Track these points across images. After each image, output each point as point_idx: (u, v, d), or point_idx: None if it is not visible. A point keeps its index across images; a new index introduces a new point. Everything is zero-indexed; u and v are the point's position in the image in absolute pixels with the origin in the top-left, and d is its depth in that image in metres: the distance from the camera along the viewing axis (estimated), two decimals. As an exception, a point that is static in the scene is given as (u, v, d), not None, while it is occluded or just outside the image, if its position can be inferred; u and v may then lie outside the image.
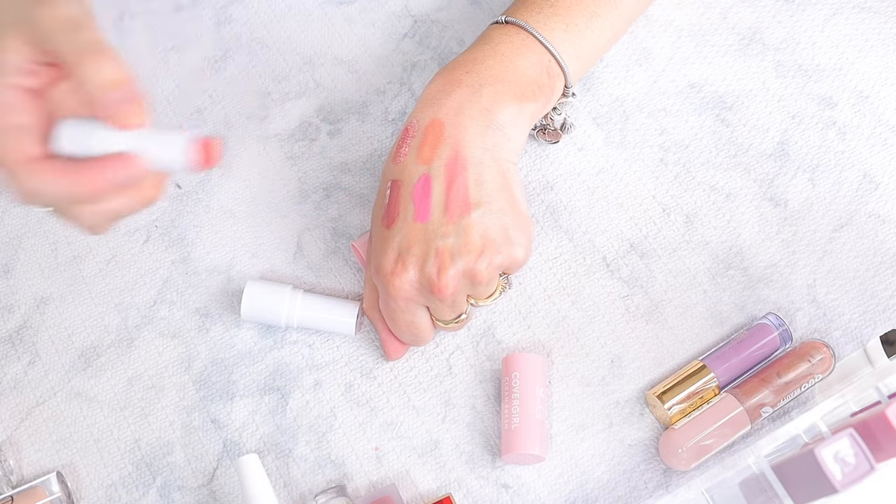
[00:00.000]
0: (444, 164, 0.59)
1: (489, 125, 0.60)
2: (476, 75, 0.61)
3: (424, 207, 0.58)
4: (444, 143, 0.59)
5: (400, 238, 0.59)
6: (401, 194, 0.59)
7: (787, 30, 0.74)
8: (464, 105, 0.60)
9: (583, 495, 0.62)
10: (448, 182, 0.58)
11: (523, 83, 0.62)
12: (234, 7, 0.78)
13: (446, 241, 0.58)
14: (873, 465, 0.51)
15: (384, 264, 0.59)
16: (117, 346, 0.67)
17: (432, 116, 0.60)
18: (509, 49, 0.63)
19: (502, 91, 0.61)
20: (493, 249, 0.58)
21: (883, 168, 0.69)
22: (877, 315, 0.65)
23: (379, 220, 0.60)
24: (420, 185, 0.59)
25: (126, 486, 0.64)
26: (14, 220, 0.71)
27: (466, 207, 0.58)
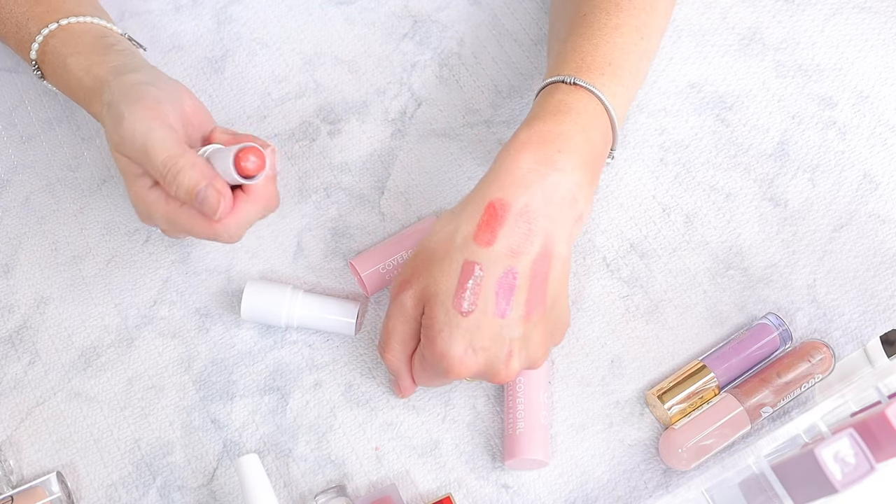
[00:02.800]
0: (532, 260, 0.57)
1: (574, 216, 0.58)
2: (568, 157, 0.58)
3: (506, 305, 0.56)
4: (536, 238, 0.57)
5: (475, 330, 0.56)
6: (482, 283, 0.56)
7: (787, 30, 0.74)
8: (556, 193, 0.57)
9: (583, 495, 0.62)
10: (532, 280, 0.57)
11: (597, 162, 0.61)
12: (234, 7, 0.78)
13: (518, 335, 0.57)
14: (873, 465, 0.51)
15: (452, 351, 0.57)
16: (117, 346, 0.67)
17: (527, 202, 0.57)
18: (589, 123, 0.60)
19: (587, 175, 0.59)
20: (552, 342, 0.59)
21: (883, 168, 0.69)
22: (877, 315, 0.65)
23: (449, 299, 0.57)
24: (505, 280, 0.56)
25: (126, 486, 0.64)
26: (14, 220, 0.71)
27: (543, 309, 0.57)
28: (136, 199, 0.59)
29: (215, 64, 0.76)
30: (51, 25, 0.63)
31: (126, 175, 0.59)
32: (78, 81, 0.62)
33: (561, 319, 0.60)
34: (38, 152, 0.73)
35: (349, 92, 0.74)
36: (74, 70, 0.62)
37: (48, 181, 0.72)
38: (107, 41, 0.64)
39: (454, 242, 0.58)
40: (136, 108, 0.57)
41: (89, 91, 0.61)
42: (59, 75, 0.63)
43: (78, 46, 0.63)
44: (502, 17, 0.76)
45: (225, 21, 0.77)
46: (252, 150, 0.56)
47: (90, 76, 0.61)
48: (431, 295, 0.58)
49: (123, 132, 0.57)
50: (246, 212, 0.58)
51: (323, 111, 0.74)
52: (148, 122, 0.56)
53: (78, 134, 0.73)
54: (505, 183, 0.58)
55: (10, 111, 0.74)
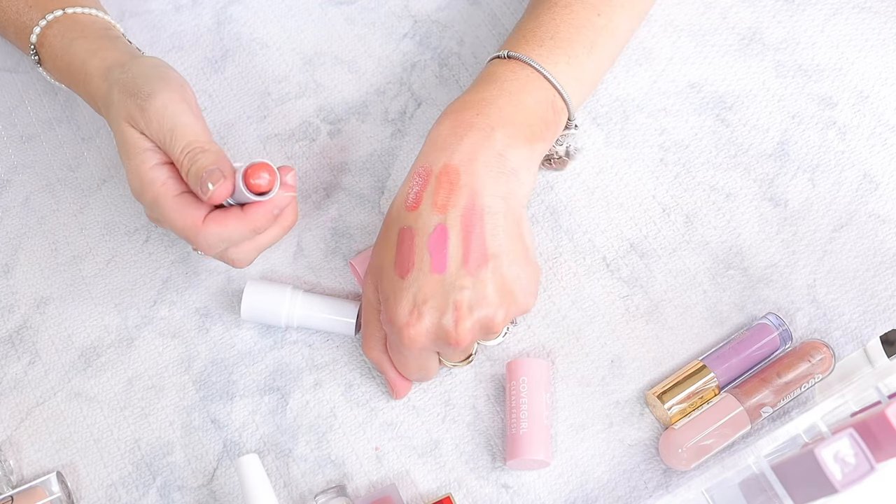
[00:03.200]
0: (461, 214, 0.57)
1: (503, 171, 0.59)
2: (487, 117, 0.59)
3: (441, 259, 0.57)
4: (460, 192, 0.58)
5: (415, 289, 0.57)
6: (415, 243, 0.58)
7: (787, 30, 0.74)
8: (477, 150, 0.58)
9: (583, 495, 0.62)
10: (465, 233, 0.57)
11: (532, 123, 0.61)
12: (234, 7, 0.78)
13: (464, 294, 0.57)
14: (873, 465, 0.51)
15: (399, 315, 0.57)
16: (117, 346, 0.67)
17: (445, 161, 0.58)
18: (517, 87, 0.61)
19: (514, 133, 0.60)
20: (508, 301, 0.58)
21: (883, 168, 0.69)
22: (877, 315, 0.65)
23: (391, 268, 0.59)
24: (436, 236, 0.57)
25: (126, 486, 0.64)
26: (14, 220, 0.71)
27: (484, 260, 0.57)
28: (135, 173, 0.59)
29: (215, 64, 0.76)
30: (56, 12, 0.64)
31: (132, 148, 0.59)
32: (81, 63, 0.62)
33: (518, 278, 0.58)
34: (38, 152, 0.73)
35: (349, 92, 0.74)
36: (79, 52, 0.62)
37: (48, 181, 0.72)
38: (111, 33, 0.65)
39: (391, 218, 0.60)
40: (166, 87, 0.58)
41: (93, 72, 0.61)
42: (60, 57, 0.63)
43: (84, 32, 0.64)
44: (502, 17, 0.76)
45: (225, 21, 0.77)
46: (264, 166, 0.57)
47: (97, 58, 0.62)
48: (381, 275, 0.60)
49: (152, 108, 0.57)
50: (232, 228, 0.58)
51: (323, 111, 0.74)
52: (178, 104, 0.58)
53: (78, 134, 0.73)
54: (426, 152, 0.60)
55: (10, 111, 0.74)
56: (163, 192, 0.58)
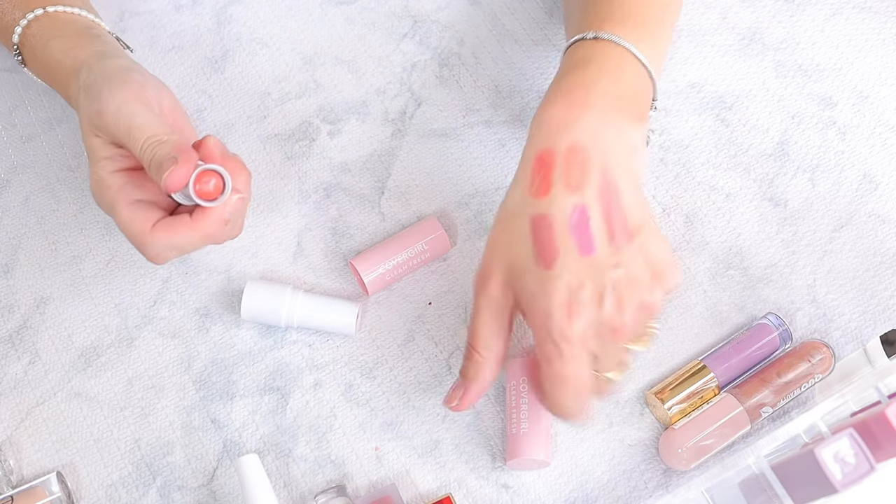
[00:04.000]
0: (598, 191, 0.54)
1: (625, 147, 0.56)
2: (599, 97, 0.56)
3: (588, 240, 0.53)
4: (593, 169, 0.54)
5: (567, 276, 0.53)
6: (554, 230, 0.53)
7: (787, 30, 0.74)
8: (599, 128, 0.55)
9: (583, 495, 0.62)
10: (605, 210, 0.53)
11: (636, 101, 0.59)
12: (234, 7, 0.78)
13: (619, 272, 0.53)
14: (873, 465, 0.51)
15: (555, 309, 0.52)
16: (117, 346, 0.67)
17: (571, 141, 0.54)
18: (615, 67, 0.58)
19: (626, 111, 0.57)
20: (661, 276, 0.55)
21: (883, 168, 0.69)
22: (877, 315, 0.65)
23: (531, 261, 0.54)
24: (577, 217, 0.53)
25: (126, 486, 0.64)
26: (14, 220, 0.71)
27: (629, 234, 0.54)
28: (95, 179, 0.59)
29: (215, 64, 0.76)
30: (36, 11, 0.64)
31: (93, 156, 0.59)
32: (58, 63, 0.62)
33: (662, 251, 0.55)
34: (38, 152, 0.73)
35: (349, 92, 0.74)
36: (55, 52, 0.62)
37: (48, 181, 0.72)
38: (92, 31, 0.64)
39: (515, 209, 0.55)
40: (121, 88, 0.58)
41: (67, 72, 0.61)
42: (39, 58, 0.63)
43: (62, 31, 0.63)
44: (502, 17, 0.76)
45: (225, 21, 0.77)
46: (212, 173, 0.56)
47: (70, 58, 0.61)
48: (516, 271, 0.55)
49: (108, 112, 0.57)
50: (181, 234, 0.57)
51: (323, 111, 0.74)
52: (133, 104, 0.57)
53: (78, 134, 0.73)
54: (544, 135, 0.55)
55: (10, 111, 0.74)
56: (118, 197, 0.58)
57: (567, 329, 0.52)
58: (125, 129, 0.57)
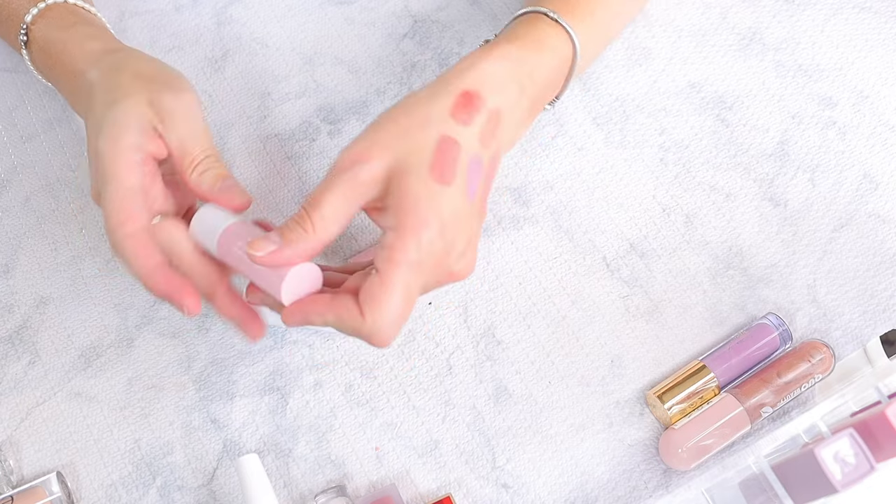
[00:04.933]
0: (490, 157, 0.57)
1: (516, 138, 0.60)
2: (533, 89, 0.60)
3: (474, 187, 0.55)
4: (495, 140, 0.57)
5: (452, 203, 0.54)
6: (458, 159, 0.55)
7: (787, 30, 0.74)
8: (513, 112, 0.58)
9: (583, 495, 0.62)
10: (486, 178, 0.57)
11: (543, 101, 0.62)
12: (234, 7, 0.78)
13: (475, 226, 0.56)
14: (873, 465, 0.51)
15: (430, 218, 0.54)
16: (117, 346, 0.67)
17: (497, 106, 0.57)
18: (556, 64, 0.62)
19: (535, 111, 0.61)
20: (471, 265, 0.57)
21: (883, 168, 0.69)
22: (877, 315, 0.65)
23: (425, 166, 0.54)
24: (475, 164, 0.55)
25: (126, 486, 0.64)
26: (14, 220, 0.71)
27: (483, 209, 0.57)
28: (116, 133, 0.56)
29: (215, 64, 0.76)
30: (39, 5, 0.65)
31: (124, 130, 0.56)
32: (79, 45, 0.62)
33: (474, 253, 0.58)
34: (38, 152, 0.73)
35: (349, 92, 0.74)
36: (78, 35, 0.63)
37: (48, 181, 0.72)
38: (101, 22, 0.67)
39: (429, 116, 0.55)
40: (189, 87, 0.59)
41: (94, 53, 0.61)
42: (53, 39, 0.63)
43: (85, 19, 0.65)
44: (502, 17, 0.76)
45: (225, 21, 0.77)
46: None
47: (99, 41, 0.62)
48: (403, 168, 0.54)
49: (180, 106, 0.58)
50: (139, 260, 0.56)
51: (323, 111, 0.74)
52: (197, 110, 0.59)
53: (78, 134, 0.73)
54: (480, 80, 0.57)
55: (10, 111, 0.74)
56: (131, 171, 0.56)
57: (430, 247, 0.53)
58: (195, 130, 0.58)
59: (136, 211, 0.56)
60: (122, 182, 0.56)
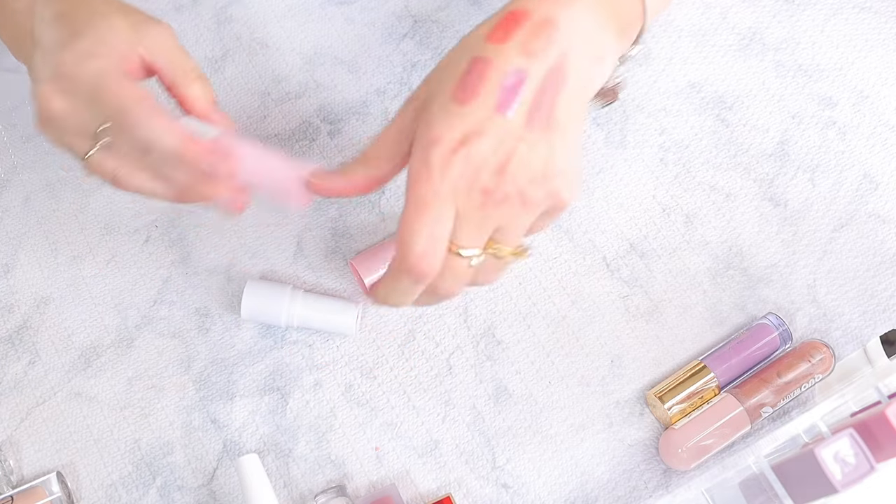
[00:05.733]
0: (547, 69, 0.51)
1: (596, 52, 0.54)
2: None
3: (509, 101, 0.50)
4: (554, 48, 0.51)
5: (472, 120, 0.50)
6: (487, 76, 0.50)
7: (787, 30, 0.74)
8: (580, 20, 0.52)
9: (583, 495, 0.62)
10: (542, 88, 0.51)
11: (626, 16, 0.56)
12: (234, 7, 0.78)
13: (518, 148, 0.50)
14: (873, 465, 0.51)
15: (444, 135, 0.50)
16: (117, 346, 0.67)
17: (549, 15, 0.51)
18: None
19: (613, 18, 0.55)
20: (553, 183, 0.51)
21: (883, 168, 0.69)
22: (877, 315, 0.65)
23: (447, 91, 0.51)
24: (513, 77, 0.50)
25: (126, 486, 0.64)
26: (14, 220, 0.71)
27: (549, 125, 0.51)
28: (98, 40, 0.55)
29: (215, 64, 0.76)
30: None
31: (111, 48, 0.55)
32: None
33: (570, 167, 0.52)
34: (38, 152, 0.73)
35: (349, 92, 0.74)
36: None
37: (48, 181, 0.72)
38: None
39: (465, 46, 0.53)
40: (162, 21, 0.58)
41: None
42: None
43: None
44: (502, 17, 0.76)
45: (225, 21, 0.77)
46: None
47: None
48: (429, 97, 0.52)
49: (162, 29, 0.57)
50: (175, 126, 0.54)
51: (323, 111, 0.74)
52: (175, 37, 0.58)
53: (78, 134, 0.73)
54: (529, 1, 0.52)
55: (10, 111, 0.74)
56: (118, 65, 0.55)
57: (445, 159, 0.50)
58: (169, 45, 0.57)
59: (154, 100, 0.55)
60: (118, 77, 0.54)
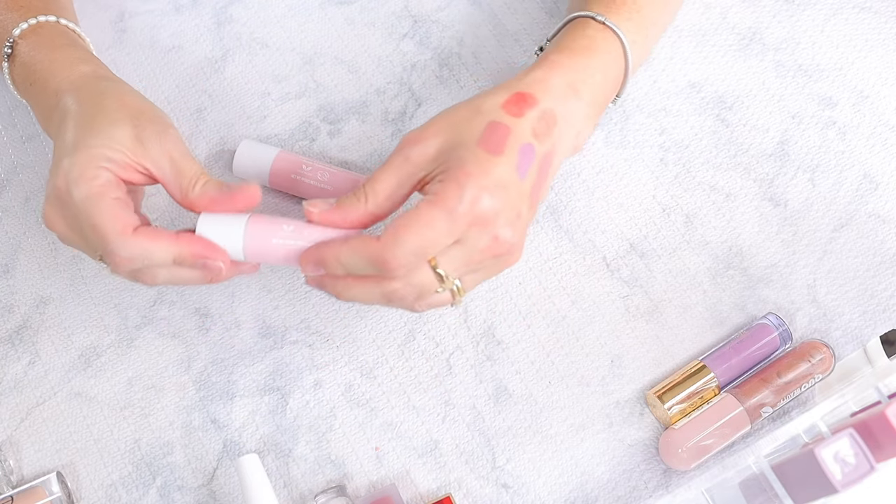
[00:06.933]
0: (545, 153, 0.57)
1: (574, 146, 0.61)
2: (588, 89, 0.61)
3: (525, 166, 0.56)
4: (549, 138, 0.58)
5: (500, 171, 0.55)
6: (508, 139, 0.56)
7: (787, 30, 0.74)
8: (570, 117, 0.59)
9: (583, 495, 0.62)
10: (540, 168, 0.57)
11: (605, 103, 0.64)
12: (234, 7, 0.78)
13: (522, 209, 0.56)
14: (873, 465, 0.51)
15: (478, 175, 0.54)
16: (117, 346, 0.67)
17: (552, 107, 0.58)
18: (609, 65, 0.63)
19: (594, 113, 0.62)
20: (519, 247, 0.57)
21: (883, 168, 0.69)
22: (877, 315, 0.65)
23: (473, 141, 0.56)
24: (528, 148, 0.56)
25: (126, 486, 0.64)
26: (14, 220, 0.71)
27: (539, 199, 0.58)
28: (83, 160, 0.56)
29: (215, 64, 0.76)
30: (30, 20, 0.64)
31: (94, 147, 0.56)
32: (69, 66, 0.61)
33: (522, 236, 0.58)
34: (38, 152, 0.73)
35: (349, 92, 0.74)
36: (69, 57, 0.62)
37: (48, 181, 0.72)
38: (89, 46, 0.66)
39: (481, 108, 0.57)
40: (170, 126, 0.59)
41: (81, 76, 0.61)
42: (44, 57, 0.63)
43: (69, 39, 0.64)
44: (502, 17, 0.76)
45: (225, 21, 0.77)
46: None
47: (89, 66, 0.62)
48: (452, 144, 0.56)
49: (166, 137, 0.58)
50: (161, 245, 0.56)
51: (323, 111, 0.74)
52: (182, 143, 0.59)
53: (78, 134, 0.73)
54: (535, 86, 0.59)
55: (10, 111, 0.74)
56: (102, 190, 0.55)
57: (477, 199, 0.54)
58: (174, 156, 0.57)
59: (130, 216, 0.56)
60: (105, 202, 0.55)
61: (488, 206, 0.54)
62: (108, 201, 0.56)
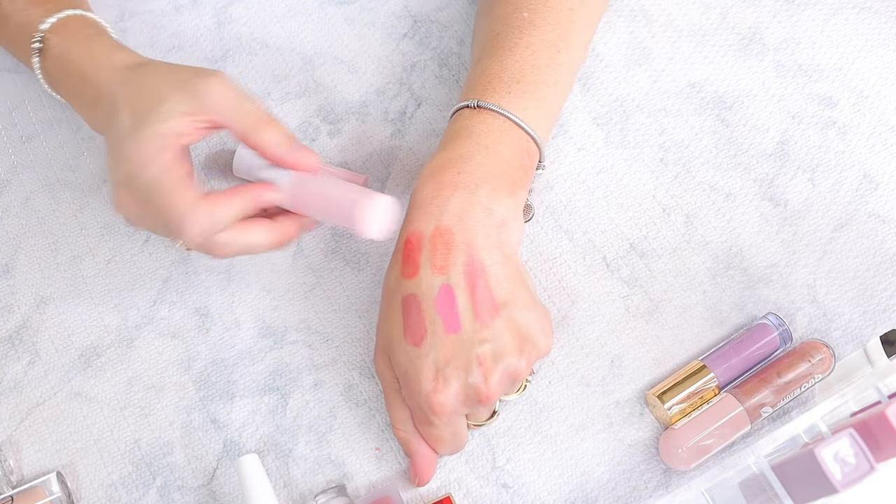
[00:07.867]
0: (463, 272, 0.57)
1: (493, 224, 0.59)
2: (469, 175, 0.59)
3: (454, 318, 0.56)
4: (457, 250, 0.57)
5: (434, 354, 0.56)
6: (423, 309, 0.57)
7: (787, 30, 0.74)
8: (465, 208, 0.58)
9: (583, 495, 0.62)
10: (470, 288, 0.57)
11: (511, 172, 0.61)
12: (234, 7, 0.78)
13: (485, 347, 0.56)
14: (873, 465, 0.51)
15: (423, 384, 0.57)
16: (117, 346, 0.67)
17: (437, 224, 0.58)
18: (492, 139, 0.61)
19: (497, 187, 0.60)
20: (528, 346, 0.58)
21: (883, 168, 0.69)
22: (877, 315, 0.65)
23: (402, 339, 0.58)
24: (443, 296, 0.57)
25: (126, 486, 0.64)
26: (14, 220, 0.71)
27: (495, 310, 0.57)
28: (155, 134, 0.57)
29: (215, 64, 0.76)
30: (57, 15, 0.64)
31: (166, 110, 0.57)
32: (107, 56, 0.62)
33: (531, 321, 0.58)
34: (38, 152, 0.73)
35: (349, 92, 0.74)
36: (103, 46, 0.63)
37: (48, 181, 0.72)
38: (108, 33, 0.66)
39: (391, 289, 0.59)
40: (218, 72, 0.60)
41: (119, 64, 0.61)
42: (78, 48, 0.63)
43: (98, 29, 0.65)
44: (502, 17, 0.76)
45: (225, 21, 0.77)
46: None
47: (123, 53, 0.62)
48: (389, 346, 0.59)
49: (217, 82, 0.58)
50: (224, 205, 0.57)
51: (323, 111, 0.74)
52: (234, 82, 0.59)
53: (78, 134, 0.73)
54: (414, 217, 0.59)
55: (10, 111, 0.74)
56: (168, 170, 0.56)
57: (435, 402, 0.57)
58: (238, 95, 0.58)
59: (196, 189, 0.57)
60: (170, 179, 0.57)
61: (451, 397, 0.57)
62: (175, 180, 0.57)
